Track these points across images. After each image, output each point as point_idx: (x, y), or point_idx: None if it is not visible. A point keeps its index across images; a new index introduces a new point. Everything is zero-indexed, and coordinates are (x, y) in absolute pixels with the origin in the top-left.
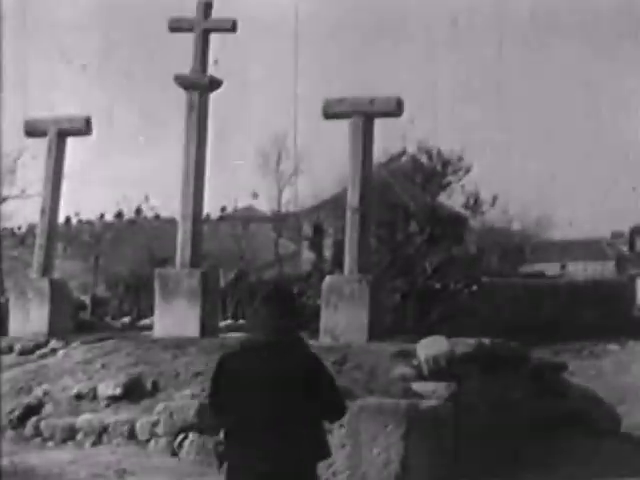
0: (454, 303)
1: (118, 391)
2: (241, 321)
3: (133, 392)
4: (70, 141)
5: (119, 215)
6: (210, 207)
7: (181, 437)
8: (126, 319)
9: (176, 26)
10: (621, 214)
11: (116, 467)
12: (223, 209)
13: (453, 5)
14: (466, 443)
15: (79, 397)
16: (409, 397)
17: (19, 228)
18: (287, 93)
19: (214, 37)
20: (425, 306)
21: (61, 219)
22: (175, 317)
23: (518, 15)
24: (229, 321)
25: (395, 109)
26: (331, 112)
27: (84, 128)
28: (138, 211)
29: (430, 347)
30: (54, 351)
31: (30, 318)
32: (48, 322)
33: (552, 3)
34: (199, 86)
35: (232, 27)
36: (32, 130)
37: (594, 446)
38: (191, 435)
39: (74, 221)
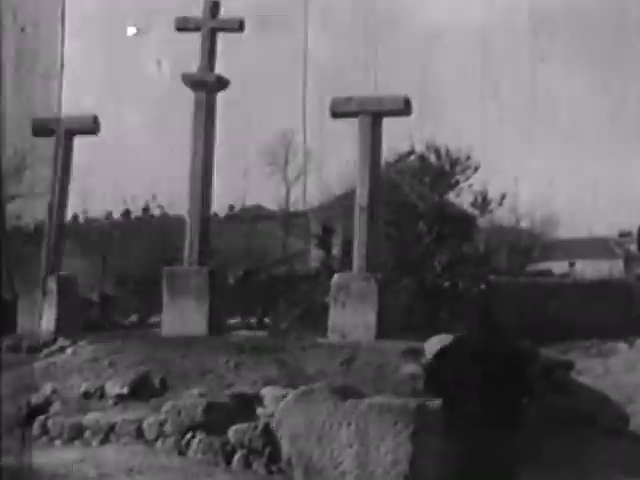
0: (463, 302)
1: (126, 390)
2: (249, 319)
3: (141, 390)
4: (78, 139)
5: (127, 213)
6: (218, 205)
7: (189, 436)
8: (134, 317)
9: (183, 25)
10: (629, 213)
11: (123, 466)
12: (231, 207)
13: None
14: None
15: (87, 395)
16: (418, 396)
17: (27, 226)
18: (295, 91)
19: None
20: (433, 305)
21: (69, 217)
22: (183, 315)
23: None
24: (237, 319)
25: (403, 108)
26: (339, 111)
27: (91, 127)
28: (146, 209)
29: (438, 345)
30: (62, 349)
31: (38, 316)
32: (56, 320)
33: None
34: (206, 85)
35: (239, 26)
36: (39, 129)
37: (601, 445)
38: (199, 434)
39: (82, 219)
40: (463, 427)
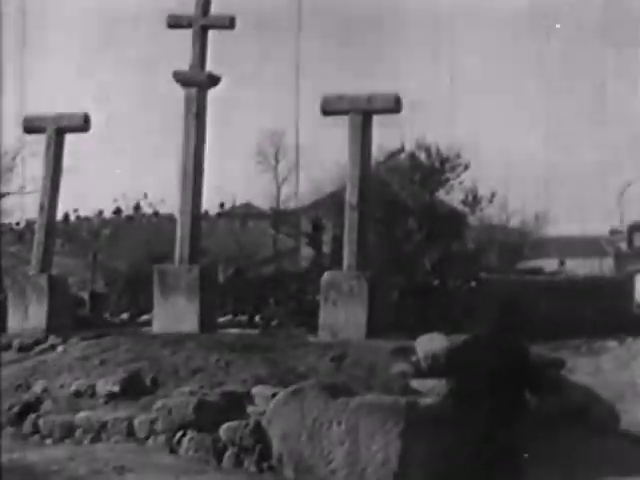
0: (453, 300)
1: (117, 388)
2: (240, 317)
3: (132, 389)
4: (69, 137)
5: (117, 211)
6: (208, 203)
7: (180, 434)
8: (125, 315)
9: (174, 23)
10: (620, 211)
11: (115, 464)
12: (222, 205)
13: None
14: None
15: (78, 394)
16: (408, 394)
17: (17, 224)
18: (286, 89)
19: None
20: (424, 303)
21: (60, 215)
22: (174, 313)
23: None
24: (228, 317)
25: (394, 106)
26: (329, 109)
27: (82, 125)
28: (137, 207)
29: (429, 344)
30: (53, 347)
31: (29, 314)
32: (47, 318)
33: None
34: (197, 82)
35: (230, 24)
36: (31, 127)
37: (592, 444)
38: (190, 432)
39: (72, 217)
40: (471, 422)
